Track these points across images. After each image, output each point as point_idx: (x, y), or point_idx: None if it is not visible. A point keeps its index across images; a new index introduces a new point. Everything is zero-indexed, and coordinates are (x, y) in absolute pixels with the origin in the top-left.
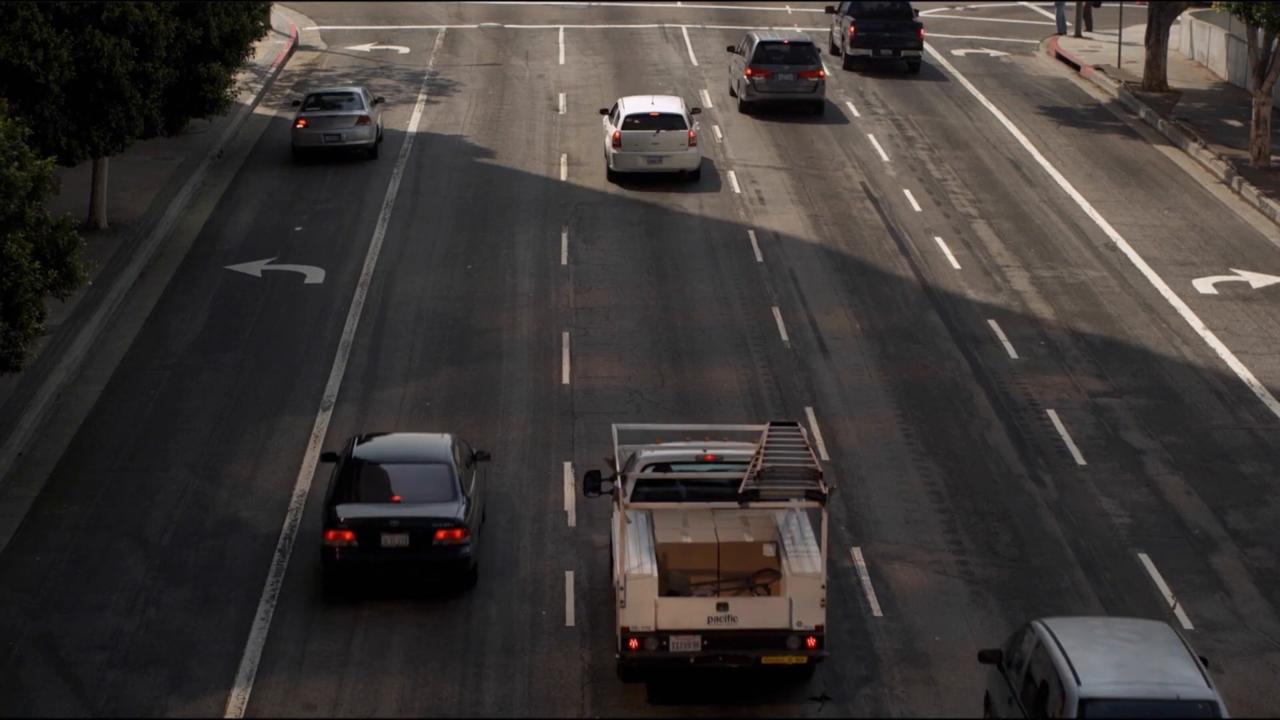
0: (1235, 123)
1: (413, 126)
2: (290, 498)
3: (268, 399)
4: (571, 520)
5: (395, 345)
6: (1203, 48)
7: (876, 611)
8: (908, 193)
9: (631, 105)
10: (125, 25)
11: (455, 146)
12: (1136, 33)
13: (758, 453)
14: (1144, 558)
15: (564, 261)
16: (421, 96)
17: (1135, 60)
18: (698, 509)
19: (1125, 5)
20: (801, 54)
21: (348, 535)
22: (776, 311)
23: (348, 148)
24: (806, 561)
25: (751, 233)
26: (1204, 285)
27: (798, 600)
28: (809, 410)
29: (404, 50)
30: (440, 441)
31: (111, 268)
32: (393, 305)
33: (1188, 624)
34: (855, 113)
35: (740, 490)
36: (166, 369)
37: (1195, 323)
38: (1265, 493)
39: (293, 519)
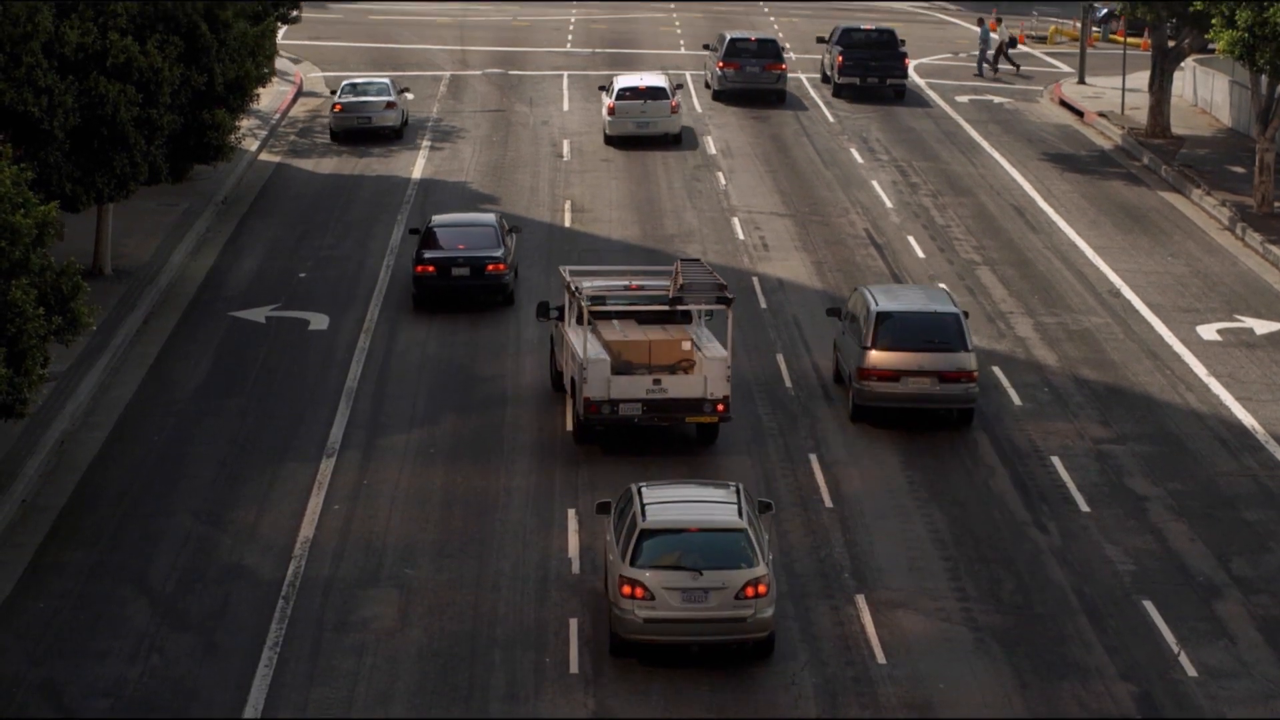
0: (1238, 169)
1: (417, 173)
2: (294, 544)
3: (272, 445)
4: (576, 567)
5: (399, 392)
6: (1206, 94)
7: (880, 659)
8: (911, 239)
9: (623, 81)
10: (130, 72)
11: (459, 193)
12: (1140, 79)
13: (676, 274)
14: (1148, 605)
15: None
16: (425, 143)
17: (1139, 106)
18: (629, 322)
19: (1129, 52)
20: (767, 49)
21: (431, 269)
22: (780, 358)
23: (377, 129)
24: (715, 350)
25: (755, 279)
26: (1208, 332)
27: (710, 377)
28: (813, 457)
29: (408, 96)
30: (489, 216)
31: (116, 314)
32: (396, 352)
33: (1192, 671)
34: (859, 159)
35: (670, 297)
36: (171, 415)
37: (1199, 369)
38: (1269, 540)
39: (296, 565)
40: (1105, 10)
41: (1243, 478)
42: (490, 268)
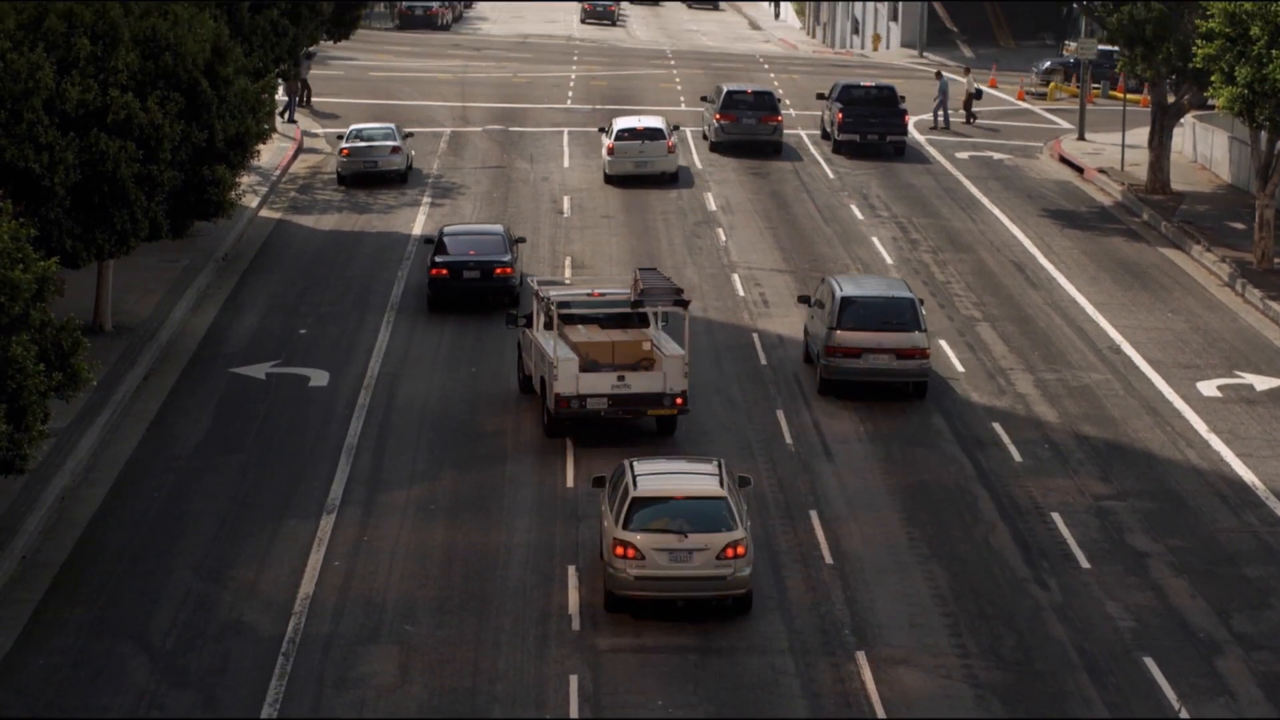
0: (1238, 225)
1: (417, 229)
2: (294, 601)
3: (272, 502)
4: (576, 624)
5: (399, 448)
6: (1206, 150)
7: (881, 715)
8: None
9: (622, 122)
10: (131, 128)
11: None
12: (1139, 135)
13: (635, 281)
14: (1149, 661)
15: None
16: (426, 198)
17: (1138, 163)
18: (593, 327)
19: (1128, 108)
20: (764, 101)
21: (444, 271)
22: (781, 414)
23: (383, 172)
24: (673, 349)
25: (755, 335)
26: (1208, 388)
27: (669, 373)
28: (813, 513)
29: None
30: (497, 226)
31: (116, 370)
32: (397, 408)
33: None
34: (859, 215)
35: (631, 300)
36: (171, 471)
37: (1199, 426)
38: (1270, 596)
39: (296, 622)
40: (1049, 64)
41: (1243, 534)
42: (498, 271)
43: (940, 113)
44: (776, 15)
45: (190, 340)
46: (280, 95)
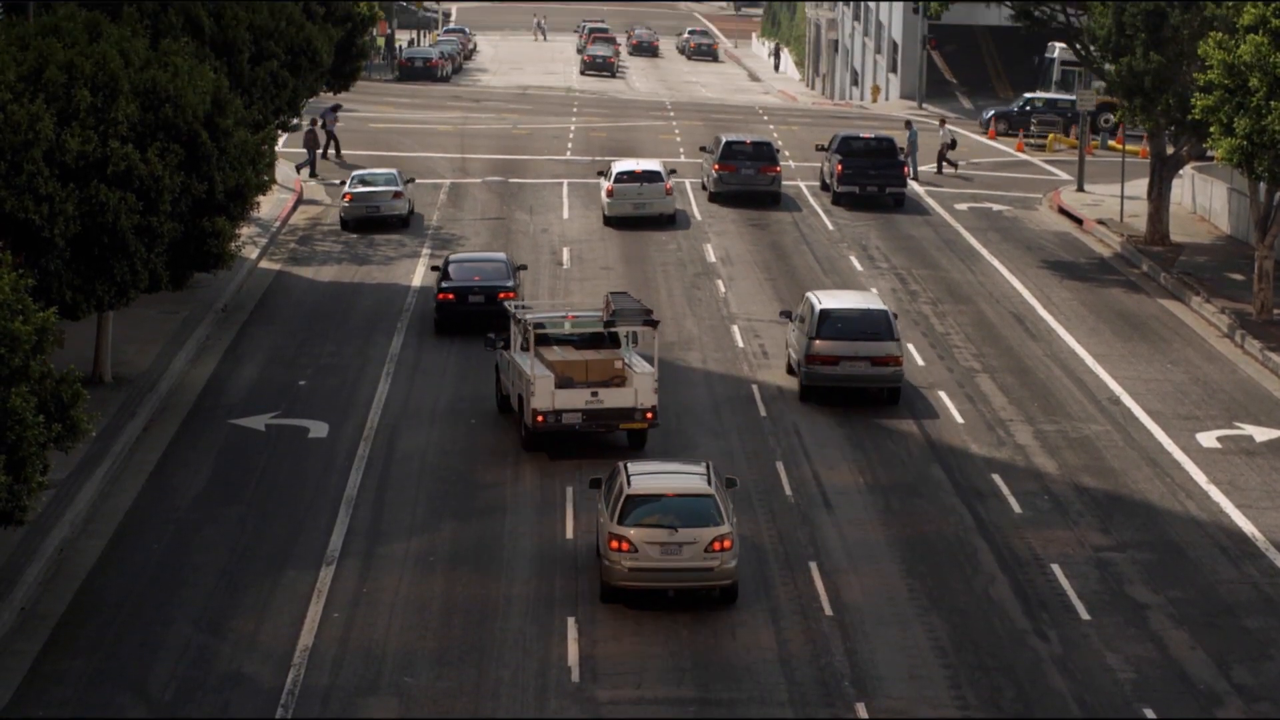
0: (1238, 276)
1: (416, 281)
2: (293, 652)
3: (271, 553)
4: (575, 675)
5: (399, 499)
6: (1205, 201)
7: None
8: (911, 347)
9: (620, 165)
10: (131, 179)
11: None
12: (1139, 186)
13: (607, 304)
14: (1149, 713)
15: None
16: (425, 250)
17: (1138, 214)
18: (568, 347)
19: (1127, 159)
20: (762, 152)
21: (451, 296)
22: (780, 466)
23: (385, 217)
24: (643, 367)
25: (755, 386)
26: (1208, 439)
27: (639, 389)
28: (813, 565)
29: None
30: (500, 254)
31: (115, 421)
32: (396, 459)
33: None
34: (858, 266)
35: (604, 321)
36: (170, 523)
37: (1199, 477)
38: (1270, 648)
39: (296, 674)
40: (992, 111)
41: (1243, 585)
42: (501, 295)
43: (908, 161)
44: (776, 67)
45: (190, 392)
46: (281, 144)
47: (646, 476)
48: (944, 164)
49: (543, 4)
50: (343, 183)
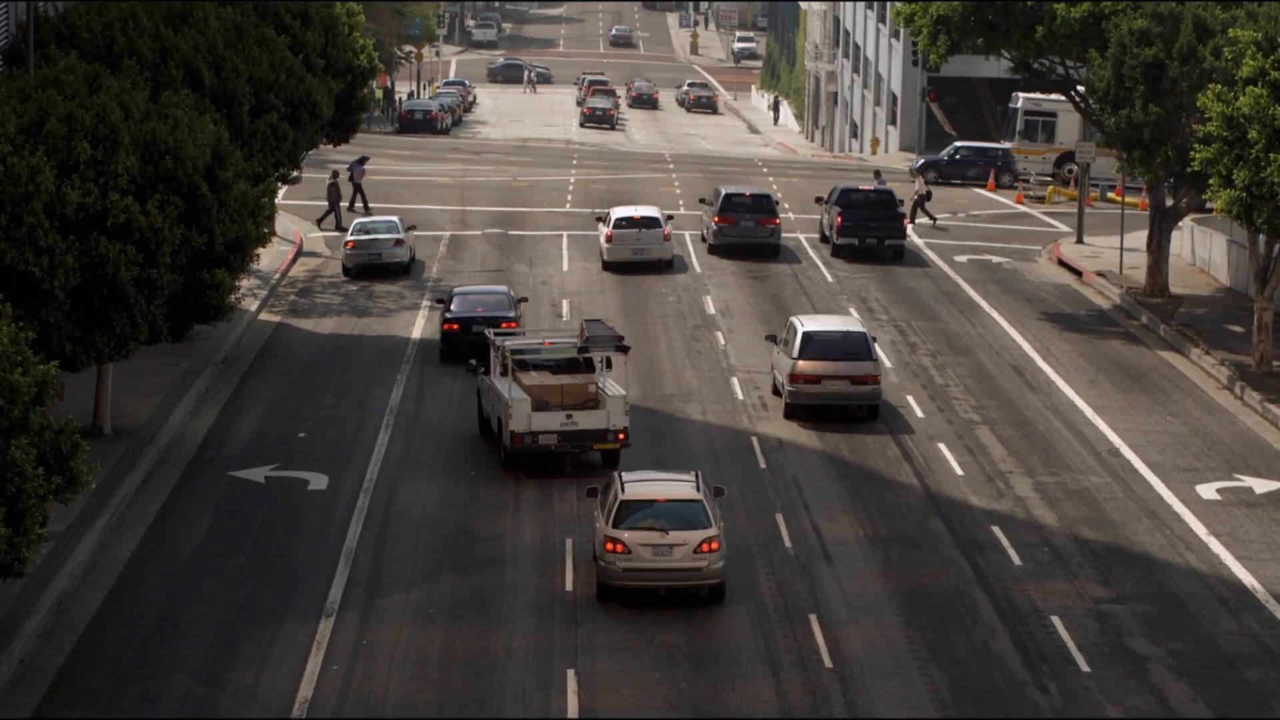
0: (1237, 328)
1: (416, 333)
2: (293, 705)
3: (271, 605)
4: None
5: (398, 552)
6: (1204, 253)
7: None
8: (910, 399)
9: (619, 212)
10: (131, 231)
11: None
12: (1138, 238)
13: (581, 330)
14: None
15: (567, 469)
16: (425, 302)
17: (1137, 266)
18: (544, 372)
19: (1127, 211)
20: (761, 204)
21: (455, 326)
22: (780, 518)
23: (387, 264)
24: (615, 390)
25: (754, 439)
26: (1207, 491)
27: (612, 412)
28: (813, 617)
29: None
30: (501, 287)
31: (115, 473)
32: (396, 511)
33: None
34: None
35: (578, 347)
36: (170, 575)
37: (1199, 528)
38: (1271, 700)
39: None
40: (922, 160)
41: (1243, 637)
42: (504, 325)
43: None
44: (776, 120)
45: (189, 444)
46: (281, 197)
47: (639, 484)
48: (918, 215)
49: (542, 56)
50: (345, 229)
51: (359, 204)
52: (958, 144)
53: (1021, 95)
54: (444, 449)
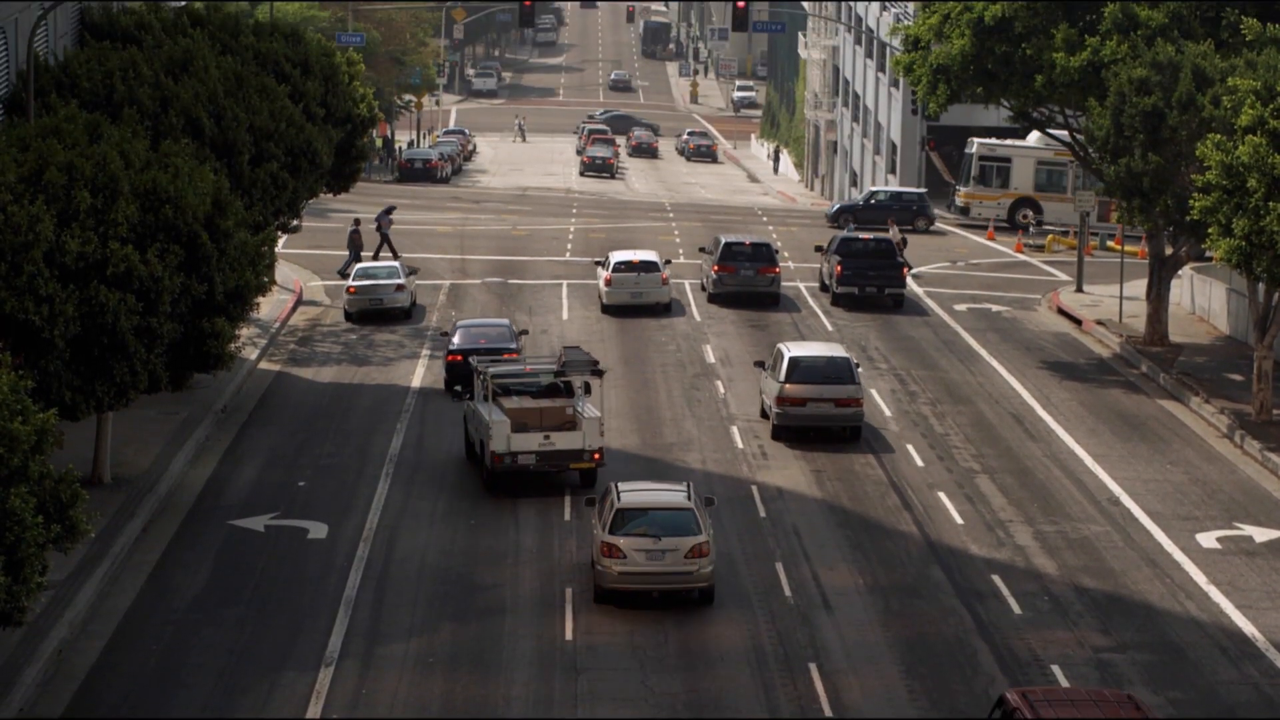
0: (1237, 377)
1: (416, 382)
2: None
3: (270, 655)
4: None
5: (398, 601)
6: (1204, 302)
7: None
8: (910, 448)
9: (618, 256)
10: (130, 280)
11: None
12: (1137, 287)
13: (560, 356)
14: None
15: (567, 517)
16: (425, 352)
17: (1137, 315)
18: (525, 396)
19: (1126, 260)
20: (761, 253)
21: (458, 357)
22: (779, 567)
23: (388, 309)
24: (591, 413)
25: (754, 487)
26: (1207, 540)
27: (587, 433)
28: (812, 666)
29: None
30: (503, 320)
31: (114, 522)
32: (395, 561)
33: None
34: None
35: (555, 370)
36: (169, 624)
37: (1199, 577)
38: None
39: None
40: (838, 205)
41: (1244, 686)
42: (505, 355)
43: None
44: (775, 169)
45: (189, 492)
46: (281, 245)
47: (634, 493)
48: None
49: (541, 105)
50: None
51: (385, 254)
52: (873, 188)
53: (976, 141)
54: (444, 498)
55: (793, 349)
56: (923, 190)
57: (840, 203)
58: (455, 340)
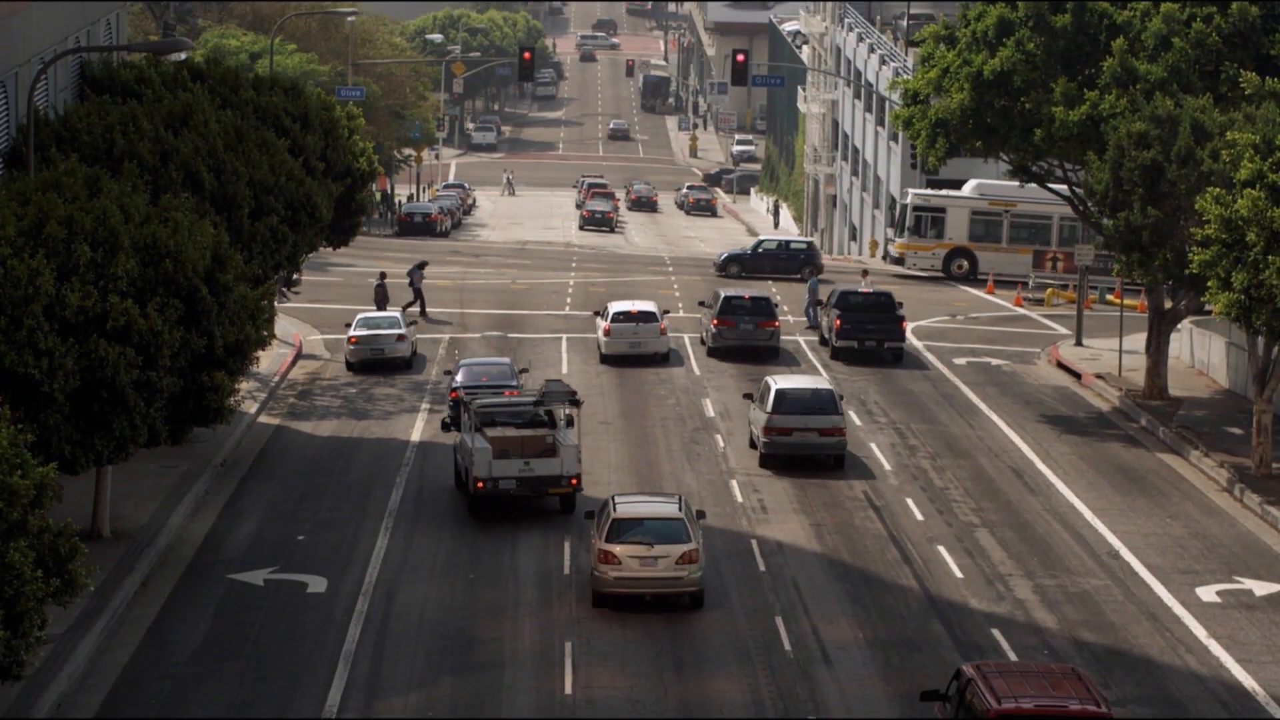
0: (1236, 430)
1: (415, 436)
2: None
3: (269, 710)
4: None
5: (397, 655)
6: (1203, 355)
7: None
8: (910, 501)
9: (617, 306)
10: (130, 334)
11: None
12: (1137, 341)
13: (541, 388)
14: None
15: (566, 570)
16: (424, 405)
17: (1136, 368)
18: (508, 426)
19: (1126, 314)
20: (760, 307)
21: (458, 393)
22: (779, 620)
23: (389, 359)
24: (569, 440)
25: (754, 541)
26: (1207, 593)
27: (565, 460)
28: None
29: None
30: (504, 359)
31: (114, 576)
32: (395, 615)
33: None
34: (857, 421)
35: (535, 400)
36: (168, 679)
37: (1199, 631)
38: None
39: None
40: (725, 255)
41: None
42: (506, 393)
43: (811, 312)
44: (776, 224)
45: (188, 546)
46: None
47: (630, 505)
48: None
49: (540, 159)
50: (348, 326)
51: (415, 308)
52: (762, 237)
53: (911, 191)
54: (443, 551)
55: (779, 381)
56: (811, 239)
57: (728, 251)
58: (458, 378)
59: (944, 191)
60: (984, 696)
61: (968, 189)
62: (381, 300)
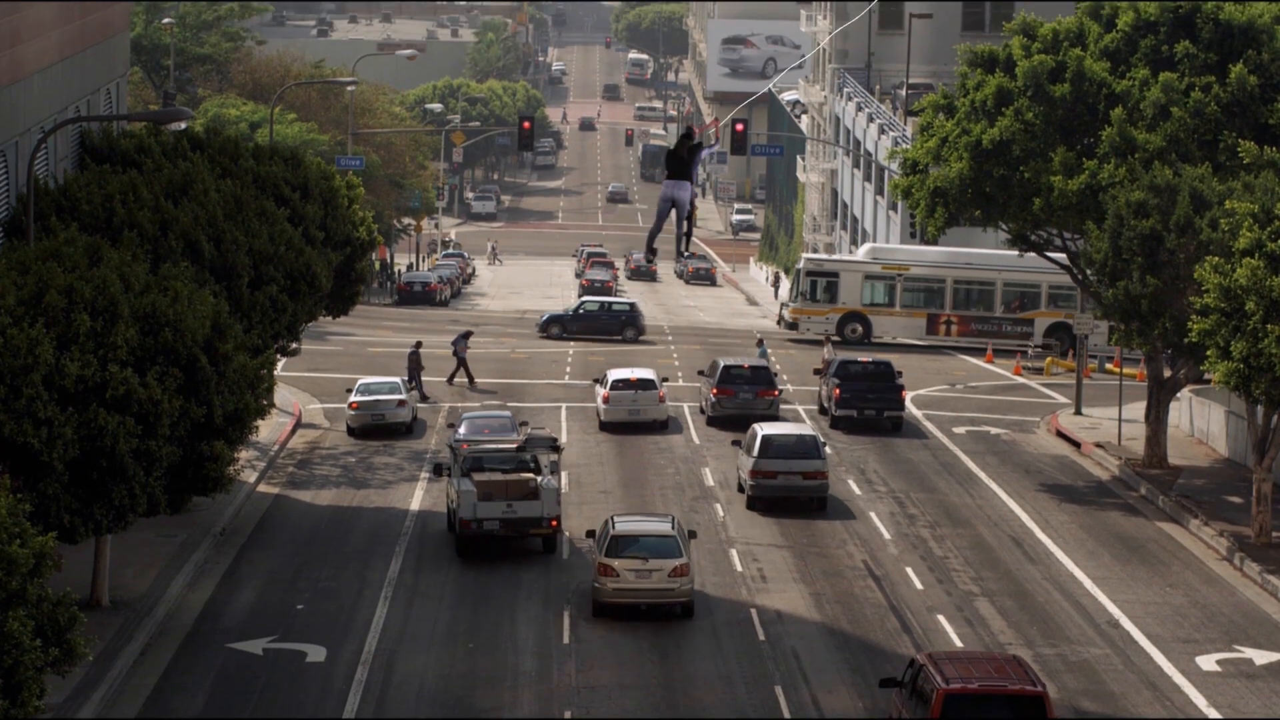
0: (1236, 499)
1: (414, 505)
2: None
3: None
4: None
5: None
6: (1203, 424)
7: None
8: (910, 570)
9: (616, 374)
10: (129, 404)
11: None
12: (1136, 410)
13: (523, 434)
14: None
15: (565, 640)
16: (424, 475)
17: (1135, 437)
18: (495, 471)
19: (1125, 383)
20: (760, 376)
21: (464, 446)
22: (779, 690)
23: (390, 424)
24: (551, 484)
25: (753, 610)
26: (1207, 663)
27: (545, 503)
28: None
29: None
30: (505, 411)
31: (113, 645)
32: (394, 684)
33: None
34: (857, 490)
35: (517, 446)
36: None
37: (1199, 700)
38: None
39: None
40: (547, 316)
41: None
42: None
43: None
44: (776, 294)
45: (187, 615)
46: (280, 369)
47: (627, 523)
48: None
49: (540, 228)
50: (350, 391)
51: (460, 378)
52: (584, 298)
53: (805, 256)
54: (442, 621)
55: (765, 428)
56: (633, 302)
57: (549, 313)
58: (461, 430)
59: (836, 256)
60: (934, 679)
61: (861, 253)
62: (414, 368)
